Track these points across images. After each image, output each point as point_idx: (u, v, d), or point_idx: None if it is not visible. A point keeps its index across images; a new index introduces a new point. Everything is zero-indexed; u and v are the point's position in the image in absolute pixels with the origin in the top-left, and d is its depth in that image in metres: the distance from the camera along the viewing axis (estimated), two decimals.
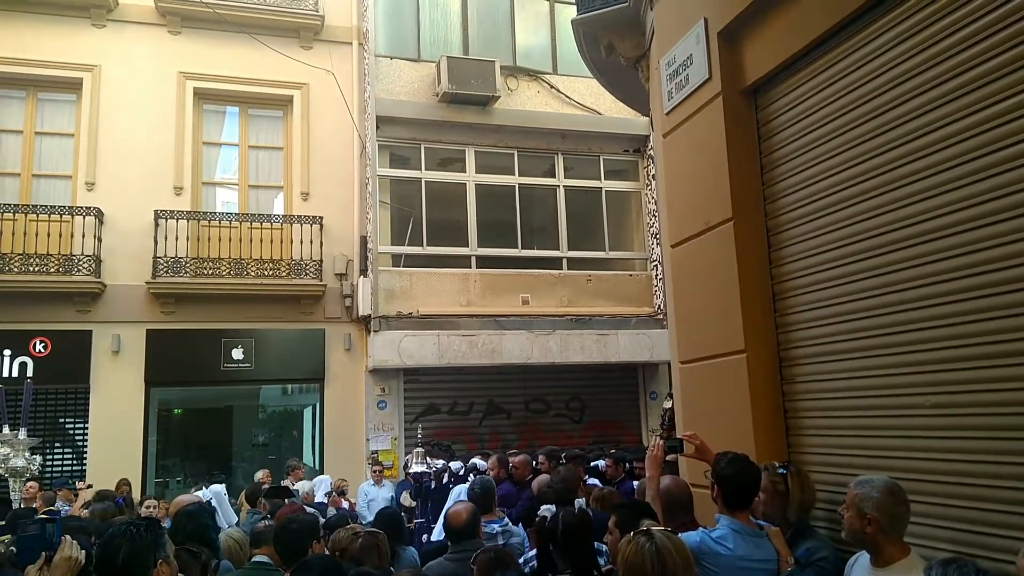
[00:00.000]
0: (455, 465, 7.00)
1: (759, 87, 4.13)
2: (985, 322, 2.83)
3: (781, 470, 3.36)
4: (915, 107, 3.15)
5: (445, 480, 6.93)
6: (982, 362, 2.85)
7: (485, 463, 6.51)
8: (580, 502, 3.68)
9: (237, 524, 6.99)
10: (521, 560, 3.87)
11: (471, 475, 6.39)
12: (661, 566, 2.41)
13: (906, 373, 3.18)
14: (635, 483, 5.48)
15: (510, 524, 4.93)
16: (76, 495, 7.82)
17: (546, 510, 3.76)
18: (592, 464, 6.68)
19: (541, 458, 6.77)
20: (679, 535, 3.17)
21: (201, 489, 8.43)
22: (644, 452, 6.97)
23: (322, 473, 10.69)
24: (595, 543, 3.46)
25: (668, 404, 6.46)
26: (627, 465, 6.48)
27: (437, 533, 5.76)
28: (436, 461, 7.60)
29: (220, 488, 8.38)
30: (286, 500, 6.12)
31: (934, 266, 3.05)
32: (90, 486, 8.51)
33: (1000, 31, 2.80)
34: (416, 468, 7.59)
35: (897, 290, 3.22)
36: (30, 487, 7.48)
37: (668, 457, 3.86)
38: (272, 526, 4.00)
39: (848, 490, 2.77)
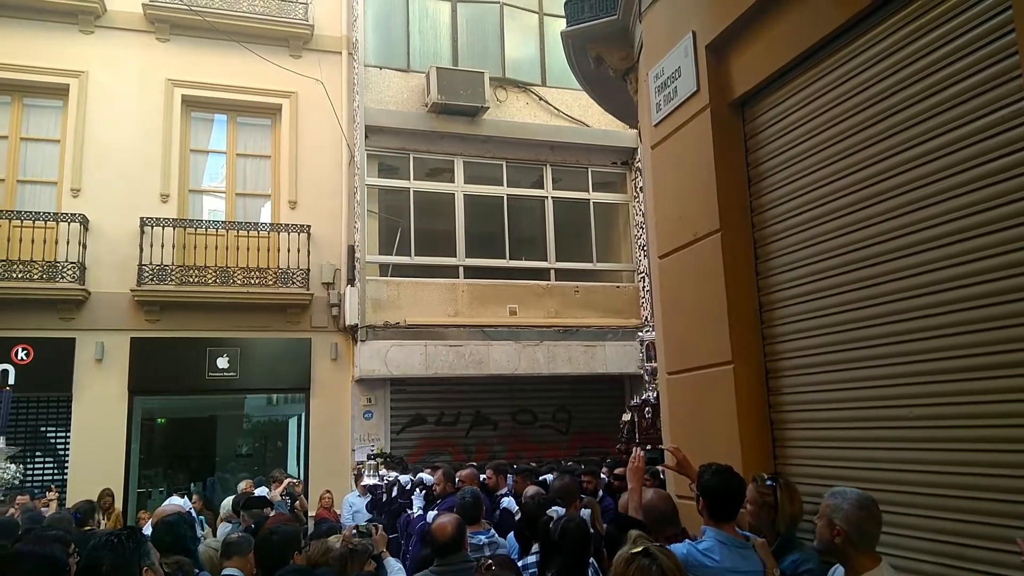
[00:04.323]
0: (404, 478, 6.88)
1: (746, 100, 4.17)
2: (973, 334, 2.86)
3: (769, 482, 3.35)
4: (901, 121, 3.19)
5: (395, 493, 6.82)
6: (968, 374, 2.87)
7: (432, 477, 6.39)
8: (586, 513, 3.66)
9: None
10: (521, 564, 3.85)
11: (417, 489, 6.30)
12: None
13: (892, 385, 3.20)
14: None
15: (496, 536, 4.90)
16: (46, 504, 7.75)
17: (554, 511, 3.76)
18: (541, 478, 6.57)
19: (488, 471, 6.65)
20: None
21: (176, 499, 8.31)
22: (596, 466, 6.96)
23: (307, 483, 10.63)
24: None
25: (626, 417, 6.47)
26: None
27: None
28: (390, 473, 7.49)
29: (178, 501, 8.22)
30: (265, 510, 6.05)
31: (921, 278, 3.07)
32: (58, 495, 8.44)
33: (982, 48, 2.84)
34: (369, 480, 7.48)
35: (883, 302, 3.24)
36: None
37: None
38: (244, 538, 3.95)
39: (823, 499, 2.77)
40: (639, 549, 2.49)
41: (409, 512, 6.14)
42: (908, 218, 3.12)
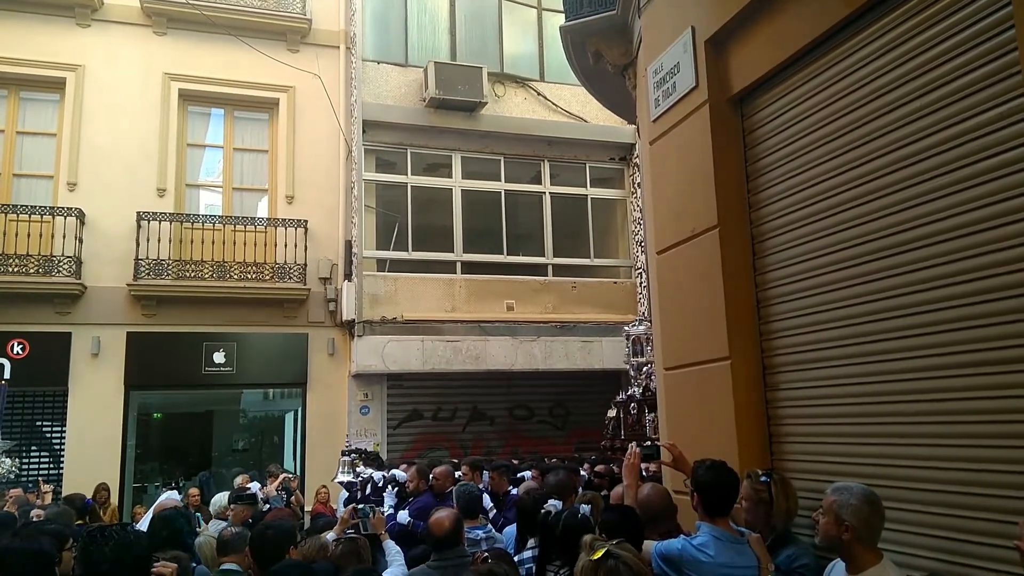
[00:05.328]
0: (377, 475, 6.87)
1: (745, 95, 4.16)
2: (967, 330, 2.86)
3: (763, 478, 3.35)
4: (899, 117, 3.18)
5: (368, 491, 6.81)
6: (963, 370, 2.87)
7: (405, 474, 6.37)
8: (586, 509, 3.66)
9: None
10: (517, 559, 3.85)
11: (390, 486, 6.28)
12: None
13: (889, 381, 3.20)
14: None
15: (493, 530, 4.90)
16: (39, 496, 7.74)
17: (551, 505, 3.78)
18: (518, 475, 6.53)
19: (464, 468, 6.62)
20: (663, 543, 3.18)
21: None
22: (578, 464, 6.95)
23: (303, 478, 10.63)
24: None
25: (611, 413, 6.45)
26: None
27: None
28: (367, 470, 7.47)
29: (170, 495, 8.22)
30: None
31: (917, 275, 3.07)
32: (54, 489, 8.42)
33: (981, 44, 2.84)
34: (343, 477, 7.46)
35: (881, 298, 3.24)
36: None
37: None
38: (239, 533, 3.95)
39: (825, 496, 2.77)
40: (600, 553, 2.46)
41: (381, 510, 6.12)
42: (908, 214, 3.12)
